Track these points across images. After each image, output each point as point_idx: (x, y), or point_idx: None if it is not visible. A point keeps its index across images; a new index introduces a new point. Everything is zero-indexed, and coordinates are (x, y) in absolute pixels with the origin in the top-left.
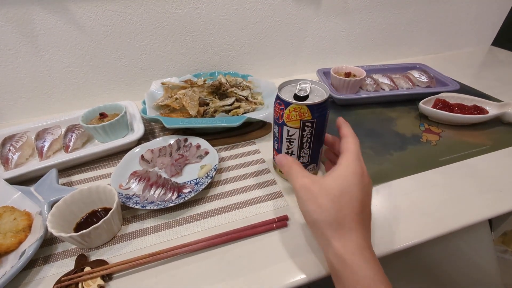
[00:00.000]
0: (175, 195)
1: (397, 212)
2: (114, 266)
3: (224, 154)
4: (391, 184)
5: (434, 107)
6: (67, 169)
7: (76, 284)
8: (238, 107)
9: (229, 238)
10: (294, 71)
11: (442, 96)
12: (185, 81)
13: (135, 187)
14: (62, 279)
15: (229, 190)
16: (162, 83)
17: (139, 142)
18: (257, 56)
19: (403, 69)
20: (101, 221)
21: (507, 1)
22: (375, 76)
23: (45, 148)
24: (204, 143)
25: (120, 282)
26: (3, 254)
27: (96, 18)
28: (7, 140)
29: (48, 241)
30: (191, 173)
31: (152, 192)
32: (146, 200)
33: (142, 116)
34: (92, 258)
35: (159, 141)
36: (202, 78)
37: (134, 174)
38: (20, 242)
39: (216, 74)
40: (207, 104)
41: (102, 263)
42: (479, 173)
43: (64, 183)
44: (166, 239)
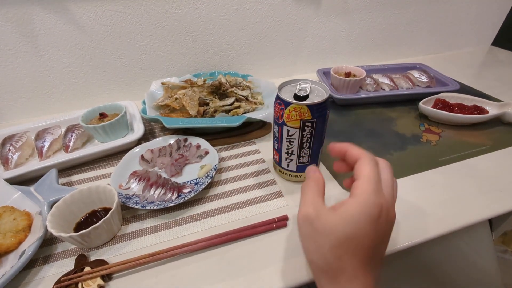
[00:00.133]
0: (175, 195)
1: (397, 212)
2: (114, 266)
3: (224, 154)
4: None
5: (434, 107)
6: (67, 169)
7: (76, 284)
8: (238, 107)
9: (229, 238)
10: (294, 71)
11: (442, 96)
12: (185, 81)
13: (135, 187)
14: (62, 279)
15: (229, 190)
16: (162, 83)
17: (139, 142)
18: (257, 56)
19: (403, 69)
20: (101, 221)
21: (507, 1)
22: (375, 76)
23: (45, 148)
24: (204, 143)
25: (120, 282)
26: (3, 254)
27: (96, 18)
28: (7, 140)
29: (48, 241)
30: (191, 173)
31: (152, 192)
32: (146, 200)
33: (142, 116)
34: (92, 258)
35: (159, 141)
36: (202, 78)
37: (134, 174)
38: (20, 242)
39: (216, 74)
40: (207, 104)
41: (102, 263)
42: (479, 173)
43: (64, 183)
44: (166, 239)
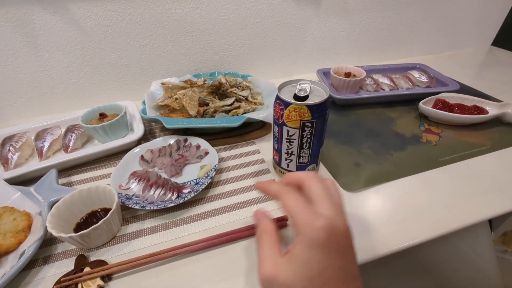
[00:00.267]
0: (175, 196)
1: (397, 213)
2: (114, 267)
3: (224, 154)
4: (391, 184)
5: (434, 107)
6: (67, 169)
7: (76, 285)
8: (238, 107)
9: (229, 239)
10: (294, 71)
11: (442, 96)
12: (185, 81)
13: (135, 188)
14: (62, 280)
15: (229, 190)
16: (162, 83)
17: (139, 142)
18: (257, 56)
19: (403, 69)
20: (101, 222)
21: (507, 1)
22: (375, 76)
23: (45, 148)
24: (204, 143)
25: (120, 283)
26: (3, 255)
27: (96, 18)
28: (7, 140)
29: (48, 242)
30: (191, 173)
31: (152, 193)
32: (146, 201)
33: (142, 116)
34: (92, 259)
35: (159, 141)
36: (202, 78)
37: (134, 174)
38: (20, 243)
39: (216, 74)
40: (207, 104)
41: (102, 264)
42: (479, 173)
43: (64, 183)
44: (166, 240)
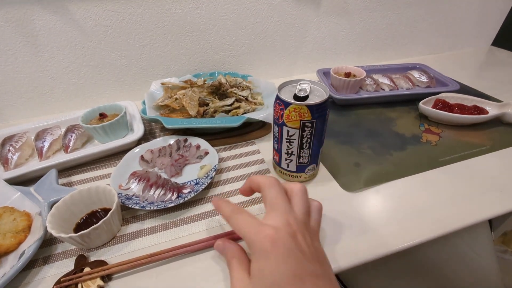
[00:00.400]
0: (175, 196)
1: (397, 212)
2: (114, 267)
3: (224, 155)
4: (391, 184)
5: (434, 107)
6: (67, 170)
7: (76, 285)
8: (238, 107)
9: (230, 239)
10: (294, 71)
11: (442, 96)
12: (185, 81)
13: (135, 188)
14: (62, 280)
15: (229, 191)
16: (162, 83)
17: (139, 143)
18: (257, 56)
19: (403, 69)
20: (101, 222)
21: (507, 1)
22: (375, 76)
23: (45, 149)
24: (204, 143)
25: (120, 283)
26: (3, 255)
27: (96, 18)
28: (7, 141)
29: (48, 242)
30: (191, 174)
31: (152, 193)
32: (146, 201)
33: (142, 116)
34: (92, 259)
35: (159, 141)
36: (202, 78)
37: (134, 175)
38: (20, 243)
39: (216, 74)
40: (207, 104)
41: (102, 264)
42: (479, 173)
43: (64, 184)
44: (166, 240)
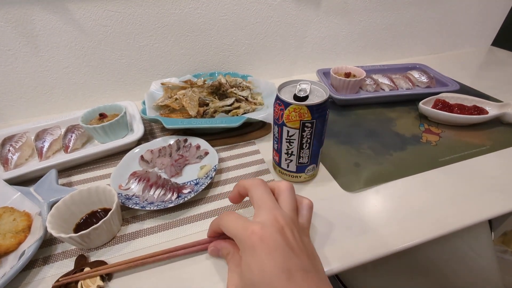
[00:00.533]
0: (175, 196)
1: (397, 213)
2: (112, 267)
3: (224, 155)
4: (391, 185)
5: (434, 108)
6: (67, 170)
7: (76, 283)
8: (238, 108)
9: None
10: (294, 72)
11: (442, 97)
12: (185, 82)
13: (135, 188)
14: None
15: (229, 191)
16: (162, 84)
17: (139, 143)
18: (257, 56)
19: (403, 69)
20: (101, 222)
21: (507, 1)
22: (375, 77)
23: (45, 149)
24: (204, 144)
25: (119, 282)
26: (3, 255)
27: (96, 19)
28: (7, 141)
29: (48, 242)
30: (191, 174)
31: (152, 193)
32: (146, 201)
33: (142, 117)
34: (92, 259)
35: (159, 142)
36: (202, 78)
37: (134, 175)
38: (20, 243)
39: (216, 74)
40: (207, 105)
41: (102, 264)
42: (479, 173)
43: (64, 184)
44: (166, 240)
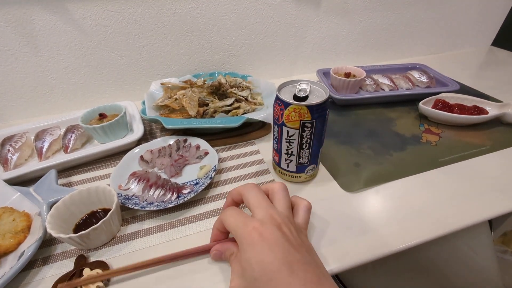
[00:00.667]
0: (175, 196)
1: (397, 213)
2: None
3: (224, 155)
4: (391, 185)
5: (434, 108)
6: (67, 170)
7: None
8: (238, 108)
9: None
10: (294, 72)
11: (442, 97)
12: (185, 82)
13: (135, 188)
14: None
15: (229, 191)
16: (162, 84)
17: (139, 143)
18: (257, 56)
19: (403, 69)
20: (100, 222)
21: (507, 1)
22: (375, 77)
23: (45, 149)
24: (204, 144)
25: (119, 282)
26: (2, 255)
27: (96, 19)
28: (6, 141)
29: (47, 242)
30: (191, 174)
31: (152, 193)
32: (146, 201)
33: (142, 117)
34: (92, 259)
35: (159, 142)
36: (202, 79)
37: (134, 175)
38: (19, 243)
39: (216, 75)
40: (207, 105)
41: (102, 264)
42: (479, 173)
43: (64, 184)
44: (166, 240)
